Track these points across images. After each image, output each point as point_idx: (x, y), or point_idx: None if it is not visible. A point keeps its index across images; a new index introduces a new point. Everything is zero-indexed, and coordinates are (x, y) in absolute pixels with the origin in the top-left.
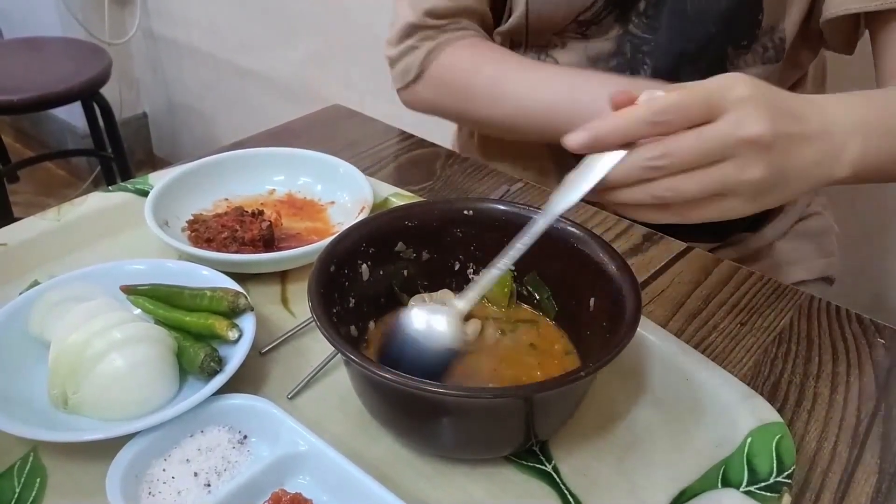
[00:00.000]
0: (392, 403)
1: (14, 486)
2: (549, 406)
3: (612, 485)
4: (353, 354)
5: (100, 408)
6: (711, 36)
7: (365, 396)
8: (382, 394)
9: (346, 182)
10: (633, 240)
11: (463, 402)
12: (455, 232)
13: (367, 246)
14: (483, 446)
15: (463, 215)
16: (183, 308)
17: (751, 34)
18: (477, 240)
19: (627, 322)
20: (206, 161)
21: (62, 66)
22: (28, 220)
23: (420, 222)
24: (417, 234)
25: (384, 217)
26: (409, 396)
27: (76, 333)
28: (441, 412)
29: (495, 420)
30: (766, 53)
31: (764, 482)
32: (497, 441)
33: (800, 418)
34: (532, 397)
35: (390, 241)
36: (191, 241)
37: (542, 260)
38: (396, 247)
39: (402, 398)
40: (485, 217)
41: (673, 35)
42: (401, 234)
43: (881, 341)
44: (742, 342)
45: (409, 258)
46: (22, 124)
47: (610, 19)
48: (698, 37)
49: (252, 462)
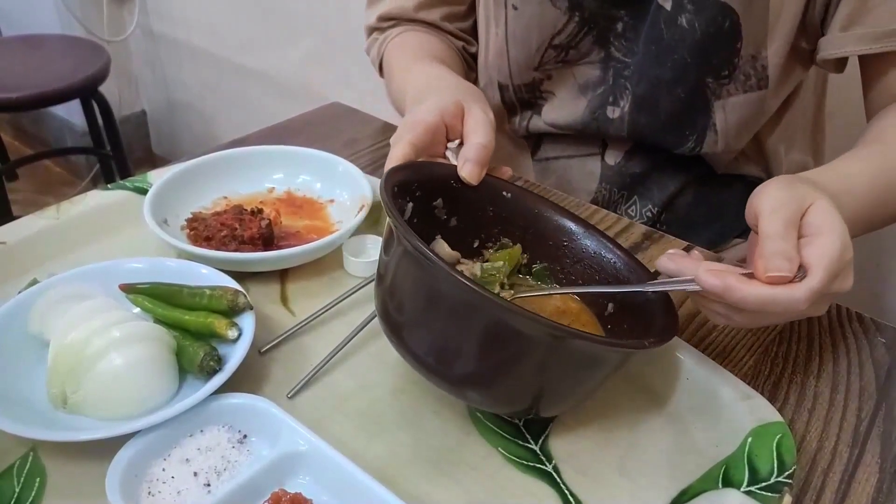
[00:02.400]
0: (429, 306)
1: (14, 485)
2: (574, 370)
3: (612, 485)
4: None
5: (99, 407)
6: (687, 64)
7: (393, 295)
8: (422, 290)
9: (345, 180)
10: (634, 238)
11: (510, 320)
12: (487, 209)
13: (416, 187)
14: (489, 387)
15: (501, 195)
16: (182, 307)
17: (730, 63)
18: (504, 223)
19: (669, 316)
20: (205, 159)
21: (61, 63)
22: (27, 218)
23: (464, 186)
24: (456, 199)
25: (439, 168)
26: (457, 300)
27: (75, 332)
28: (475, 324)
29: (521, 357)
30: (749, 82)
31: (764, 482)
32: (509, 386)
33: (800, 418)
34: (573, 343)
35: (434, 193)
36: (190, 240)
37: (558, 258)
38: (435, 201)
39: (445, 300)
40: (520, 204)
41: (650, 61)
42: (444, 191)
43: (882, 340)
44: (742, 341)
45: (440, 218)
46: (21, 122)
47: (588, 41)
48: (674, 64)
49: (252, 462)
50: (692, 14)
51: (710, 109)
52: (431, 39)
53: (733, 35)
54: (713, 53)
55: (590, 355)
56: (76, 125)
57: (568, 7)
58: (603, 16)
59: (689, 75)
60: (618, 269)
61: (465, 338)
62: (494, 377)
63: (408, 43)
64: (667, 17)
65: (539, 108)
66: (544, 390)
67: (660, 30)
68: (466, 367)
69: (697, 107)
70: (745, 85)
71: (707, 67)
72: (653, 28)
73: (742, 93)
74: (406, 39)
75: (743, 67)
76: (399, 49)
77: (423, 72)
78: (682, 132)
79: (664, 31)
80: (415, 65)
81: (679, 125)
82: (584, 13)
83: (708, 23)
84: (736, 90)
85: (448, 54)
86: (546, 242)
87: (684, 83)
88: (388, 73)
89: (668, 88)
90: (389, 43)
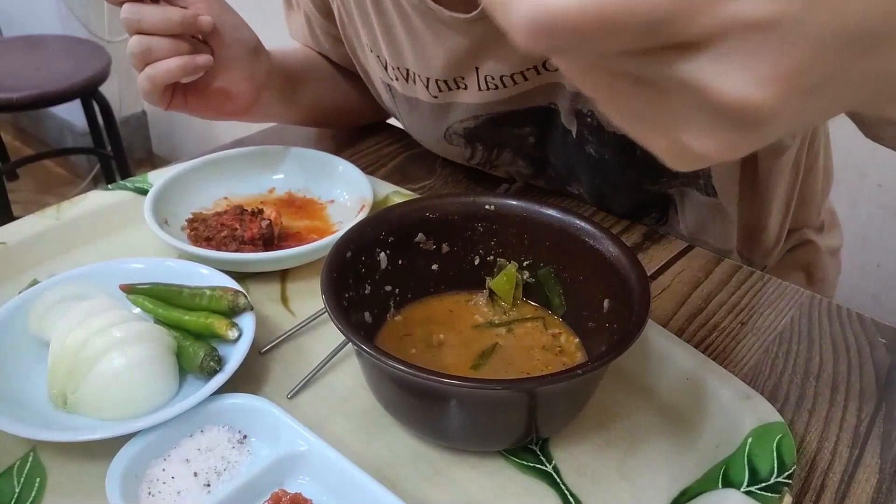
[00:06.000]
0: (393, 389)
1: (14, 485)
2: (552, 402)
3: (612, 485)
4: (356, 338)
5: (99, 407)
6: (614, 182)
7: (370, 381)
8: (382, 378)
9: (345, 181)
10: (634, 238)
11: (465, 391)
12: (476, 226)
13: (386, 235)
14: (485, 438)
15: (484, 210)
16: (182, 307)
17: (665, 172)
18: (498, 235)
19: (633, 324)
20: (205, 159)
21: (62, 63)
22: (27, 218)
23: (441, 214)
24: (438, 227)
25: (405, 207)
26: (409, 384)
27: (75, 332)
28: (442, 400)
29: (499, 412)
30: (698, 181)
31: (764, 482)
32: (500, 433)
33: (800, 418)
34: (535, 391)
35: (410, 231)
36: (190, 240)
37: (558, 256)
38: (416, 238)
39: (403, 384)
40: (507, 213)
41: (573, 176)
42: (421, 225)
43: (882, 341)
44: (743, 341)
45: (429, 250)
46: (21, 122)
47: (507, 155)
48: (601, 182)
49: (252, 462)
50: (596, 145)
51: (667, 195)
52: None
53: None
54: (640, 170)
55: (562, 389)
56: (77, 125)
57: (465, 142)
58: (507, 136)
59: (624, 185)
60: (613, 257)
61: (442, 413)
62: (493, 434)
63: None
64: (574, 143)
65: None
66: (538, 423)
67: (572, 152)
68: (457, 433)
69: (651, 197)
70: (696, 184)
71: (639, 179)
72: (564, 147)
73: (694, 189)
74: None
75: (683, 175)
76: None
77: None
78: (644, 209)
79: (576, 155)
80: None
81: (638, 206)
82: (485, 141)
83: (617, 152)
84: (688, 184)
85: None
86: (543, 244)
87: (623, 190)
88: None
89: (610, 191)
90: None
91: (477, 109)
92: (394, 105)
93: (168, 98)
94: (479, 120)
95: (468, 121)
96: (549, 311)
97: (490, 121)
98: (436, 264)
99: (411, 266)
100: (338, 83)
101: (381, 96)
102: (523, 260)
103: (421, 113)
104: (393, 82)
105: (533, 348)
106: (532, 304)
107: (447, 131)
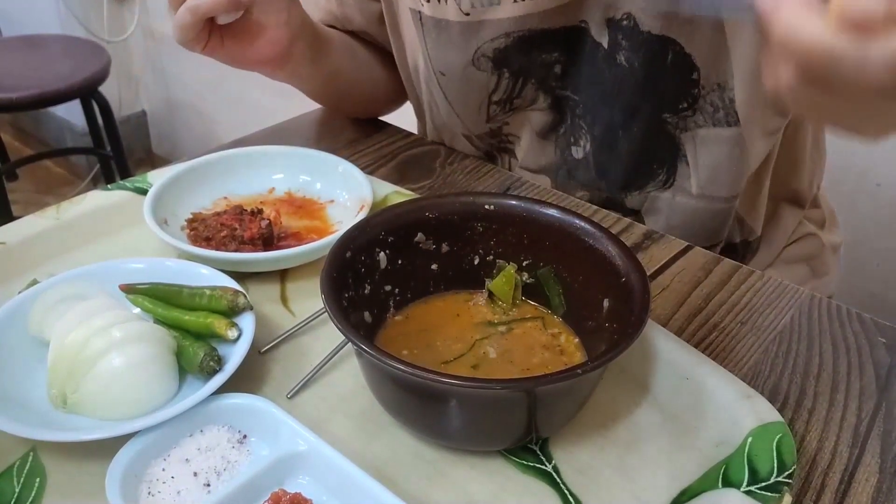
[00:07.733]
0: (393, 388)
1: (14, 486)
2: (552, 401)
3: (612, 485)
4: (356, 338)
5: (99, 407)
6: (637, 104)
7: (370, 381)
8: (382, 377)
9: (345, 180)
10: (634, 238)
11: (465, 391)
12: (476, 226)
13: (385, 235)
14: (485, 438)
15: (484, 210)
16: (182, 307)
17: (688, 95)
18: (497, 234)
19: (632, 323)
20: (205, 159)
21: (61, 63)
22: (27, 218)
23: (441, 214)
24: (438, 227)
25: (405, 207)
26: (408, 383)
27: (75, 332)
28: (442, 400)
29: (498, 412)
30: (717, 114)
31: (764, 482)
32: (500, 433)
33: (800, 418)
34: (535, 390)
35: (410, 231)
36: (190, 240)
37: (558, 256)
38: (416, 238)
39: (402, 384)
40: (506, 213)
41: (596, 102)
42: (421, 225)
43: (882, 340)
44: (742, 341)
45: (428, 249)
46: (21, 122)
47: (530, 89)
48: (622, 106)
49: (252, 462)
50: (628, 51)
51: (677, 142)
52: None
53: (683, 66)
54: (664, 89)
55: (562, 388)
56: (76, 125)
57: (493, 67)
58: (535, 63)
59: (642, 114)
60: (615, 257)
61: (442, 412)
62: (493, 433)
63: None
64: (604, 55)
65: (512, 152)
66: (538, 423)
67: (600, 69)
68: (457, 433)
69: (661, 142)
70: (714, 118)
71: (660, 103)
72: (592, 67)
73: (711, 126)
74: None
75: (708, 97)
76: None
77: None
78: (649, 166)
79: (605, 70)
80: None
81: (645, 161)
82: (512, 67)
83: (648, 59)
84: (704, 122)
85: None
86: (543, 244)
87: (639, 121)
88: None
89: (623, 128)
90: None
91: (509, 25)
92: (421, 38)
93: (205, 38)
94: (511, 38)
95: (499, 39)
96: (548, 310)
97: (520, 41)
98: (435, 264)
99: (411, 266)
100: (355, 56)
101: (404, 41)
102: (523, 260)
103: (450, 35)
104: (422, 6)
105: (533, 348)
106: (532, 304)
107: (476, 53)
